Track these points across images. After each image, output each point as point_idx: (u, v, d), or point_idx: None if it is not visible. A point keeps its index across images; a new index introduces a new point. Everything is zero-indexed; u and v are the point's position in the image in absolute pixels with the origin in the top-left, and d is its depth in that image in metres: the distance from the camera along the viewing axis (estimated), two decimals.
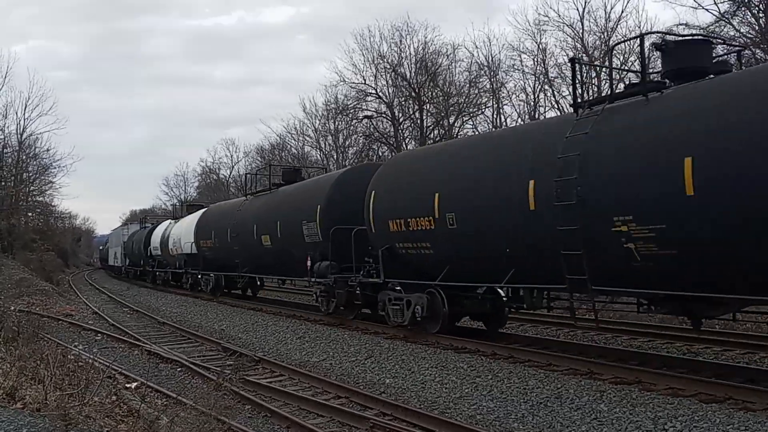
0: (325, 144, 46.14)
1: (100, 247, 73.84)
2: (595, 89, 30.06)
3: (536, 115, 32.73)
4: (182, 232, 29.80)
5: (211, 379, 10.27)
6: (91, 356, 9.83)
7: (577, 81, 11.66)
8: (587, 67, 30.24)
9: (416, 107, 37.30)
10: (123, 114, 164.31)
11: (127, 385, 9.65)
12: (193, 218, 29.24)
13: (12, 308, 16.02)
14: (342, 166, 40.51)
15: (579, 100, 10.37)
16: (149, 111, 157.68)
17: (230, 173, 67.11)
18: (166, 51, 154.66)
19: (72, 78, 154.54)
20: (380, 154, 39.31)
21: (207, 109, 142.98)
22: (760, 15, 22.53)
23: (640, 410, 7.68)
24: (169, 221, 36.35)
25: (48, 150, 45.91)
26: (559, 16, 31.23)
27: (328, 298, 16.59)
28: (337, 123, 43.87)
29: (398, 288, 13.84)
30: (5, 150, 43.47)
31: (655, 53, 12.39)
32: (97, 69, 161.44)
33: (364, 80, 38.64)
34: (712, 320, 10.36)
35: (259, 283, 25.42)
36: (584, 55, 30.44)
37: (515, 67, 33.58)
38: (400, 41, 37.85)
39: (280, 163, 51.74)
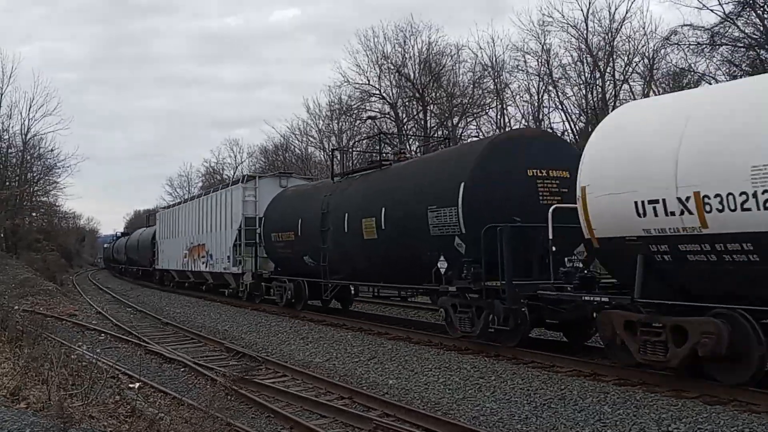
0: (328, 145, 46.16)
1: (105, 245, 73.96)
2: (600, 90, 30.06)
3: (540, 116, 32.73)
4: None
5: (215, 379, 10.28)
6: (95, 356, 9.85)
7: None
8: (591, 69, 30.26)
9: (420, 108, 37.33)
10: (129, 115, 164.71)
11: (131, 386, 9.66)
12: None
13: (16, 308, 16.07)
14: (344, 166, 40.52)
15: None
16: (155, 112, 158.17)
17: (234, 174, 67.21)
18: (173, 52, 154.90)
19: (79, 79, 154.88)
20: (383, 154, 39.29)
21: (213, 110, 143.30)
22: (765, 16, 22.49)
23: (644, 412, 7.66)
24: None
25: (52, 150, 46.15)
26: (563, 16, 31.30)
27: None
28: (340, 124, 43.92)
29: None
30: (10, 150, 43.66)
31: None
32: (104, 70, 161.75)
33: (368, 81, 38.73)
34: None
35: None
36: (588, 55, 30.44)
37: (519, 67, 33.63)
38: (404, 42, 37.94)
39: (284, 164, 51.86)
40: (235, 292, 23.95)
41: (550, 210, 10.53)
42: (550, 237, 10.28)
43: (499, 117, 35.26)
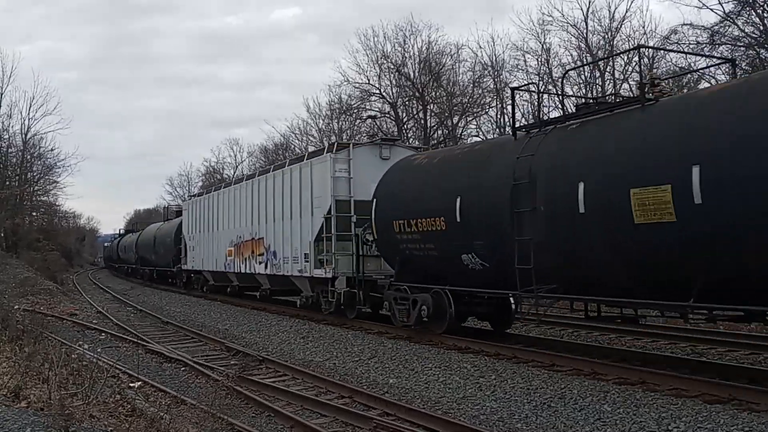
0: (328, 144, 46.12)
1: (105, 244, 73.91)
2: (599, 89, 30.05)
3: (540, 115, 32.67)
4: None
5: (215, 378, 10.29)
6: (95, 356, 9.86)
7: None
8: (591, 67, 30.22)
9: (420, 107, 37.29)
10: (129, 114, 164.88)
11: (131, 385, 9.67)
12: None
13: (16, 307, 16.09)
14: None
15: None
16: (156, 111, 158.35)
17: (234, 173, 67.21)
18: (173, 51, 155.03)
19: (79, 78, 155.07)
20: None
21: (213, 110, 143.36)
22: (765, 15, 22.48)
23: (643, 411, 7.67)
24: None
25: (52, 150, 46.12)
26: (563, 16, 31.24)
27: None
28: (340, 123, 43.88)
29: None
30: (10, 150, 43.65)
31: None
32: (105, 70, 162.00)
33: (368, 80, 38.66)
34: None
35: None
36: (588, 54, 30.42)
37: (519, 67, 33.54)
38: (404, 41, 37.86)
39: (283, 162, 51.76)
40: (309, 303, 18.00)
41: None
42: None
43: (499, 116, 35.24)
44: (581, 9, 31.36)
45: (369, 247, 15.78)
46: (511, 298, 12.45)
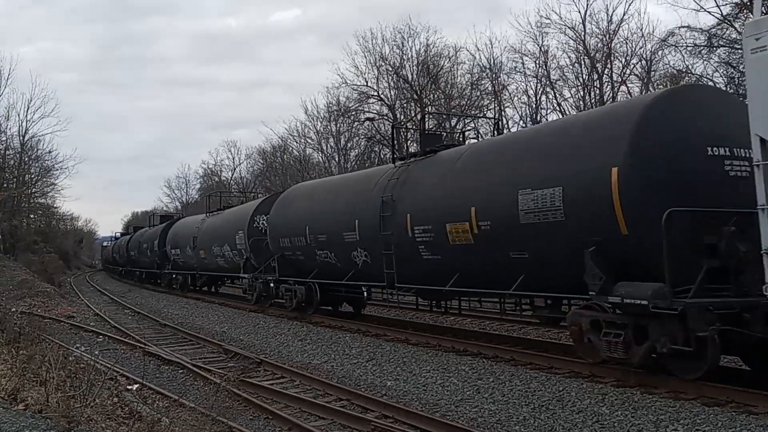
0: (326, 146, 46.16)
1: (104, 244, 73.82)
2: (597, 92, 30.09)
3: (538, 118, 32.75)
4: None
5: (213, 381, 10.28)
6: (93, 358, 9.83)
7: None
8: (589, 70, 30.28)
9: (418, 109, 37.32)
10: (129, 116, 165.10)
11: (129, 387, 9.66)
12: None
13: (14, 310, 16.06)
14: (343, 168, 40.59)
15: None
16: (155, 113, 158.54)
17: (232, 175, 67.26)
18: (173, 52, 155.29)
19: (79, 80, 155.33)
20: (381, 156, 39.32)
21: (212, 112, 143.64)
22: None
23: (641, 413, 7.67)
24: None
25: (50, 152, 46.11)
26: (561, 18, 31.25)
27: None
28: (338, 125, 43.90)
29: None
30: (7, 152, 43.58)
31: None
32: (104, 71, 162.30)
33: (366, 82, 38.70)
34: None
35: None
36: (586, 57, 30.47)
37: (517, 69, 33.60)
38: (402, 44, 37.91)
39: (282, 165, 51.88)
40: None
41: None
42: None
43: (497, 117, 35.26)
44: (579, 12, 31.42)
45: None
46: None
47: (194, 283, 30.50)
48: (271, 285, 19.78)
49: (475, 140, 15.00)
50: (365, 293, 17.55)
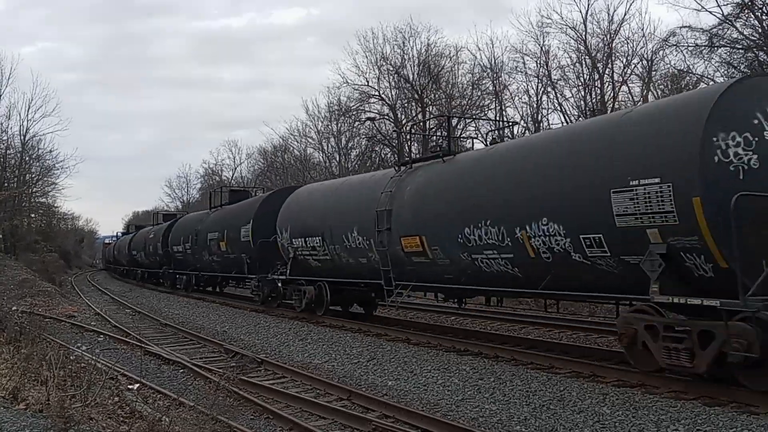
0: (327, 146, 46.17)
1: (107, 241, 73.78)
2: (598, 91, 30.09)
3: (539, 118, 32.75)
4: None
5: (213, 380, 10.27)
6: (94, 357, 9.84)
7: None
8: (590, 70, 30.26)
9: (419, 109, 37.31)
10: (129, 116, 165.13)
11: (129, 387, 9.65)
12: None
13: (14, 309, 16.06)
14: (344, 168, 40.59)
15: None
16: (156, 113, 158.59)
17: (233, 175, 67.24)
18: (174, 52, 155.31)
19: (79, 80, 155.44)
20: (382, 156, 39.32)
21: (213, 111, 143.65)
22: (764, 17, 22.50)
23: (642, 413, 7.66)
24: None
25: (51, 151, 46.15)
26: (562, 18, 31.30)
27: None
28: (339, 125, 43.91)
29: None
30: (8, 151, 43.60)
31: None
32: (105, 71, 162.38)
33: (367, 82, 38.69)
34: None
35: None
36: (587, 57, 30.45)
37: (518, 69, 33.58)
38: (403, 43, 37.91)
39: (282, 164, 51.90)
40: None
41: None
42: None
43: (497, 118, 35.25)
44: (580, 11, 31.48)
45: None
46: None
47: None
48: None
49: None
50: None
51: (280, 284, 19.24)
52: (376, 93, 38.58)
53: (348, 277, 16.35)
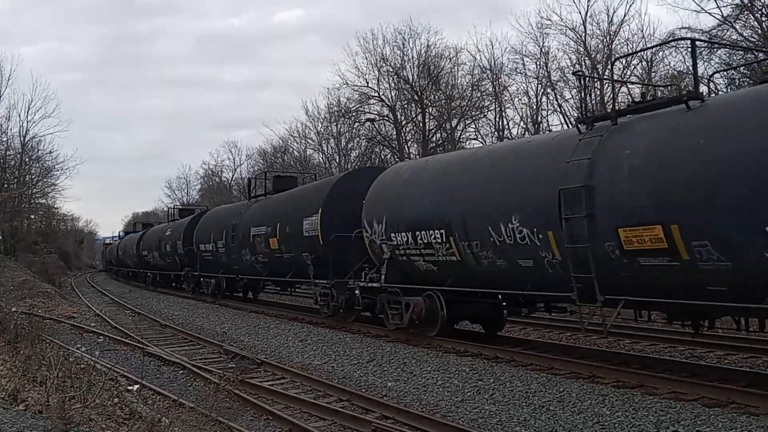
0: (327, 147, 46.19)
1: (107, 241, 73.68)
2: (598, 95, 30.08)
3: (539, 119, 32.75)
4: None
5: (213, 381, 10.27)
6: (93, 358, 9.84)
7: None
8: (590, 72, 30.21)
9: (419, 110, 37.32)
10: (130, 116, 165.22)
11: (129, 387, 9.65)
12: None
13: (14, 310, 16.05)
14: (344, 169, 40.57)
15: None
16: (157, 113, 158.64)
17: (232, 176, 67.22)
18: (175, 53, 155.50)
19: (81, 80, 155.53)
20: (382, 157, 39.31)
21: (214, 112, 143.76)
22: (763, 19, 22.53)
23: (642, 414, 7.66)
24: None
25: (51, 152, 46.12)
26: (562, 19, 31.26)
27: None
28: (339, 126, 43.92)
29: None
30: (8, 152, 43.62)
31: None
32: (106, 71, 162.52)
33: (367, 83, 38.68)
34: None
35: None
36: (587, 58, 30.46)
37: (518, 70, 33.59)
38: (403, 45, 37.92)
39: (282, 165, 51.87)
40: None
41: None
42: None
43: (497, 120, 35.29)
44: (580, 13, 31.38)
45: None
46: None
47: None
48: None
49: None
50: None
51: (358, 292, 15.46)
52: (376, 94, 38.61)
53: (485, 286, 12.09)
